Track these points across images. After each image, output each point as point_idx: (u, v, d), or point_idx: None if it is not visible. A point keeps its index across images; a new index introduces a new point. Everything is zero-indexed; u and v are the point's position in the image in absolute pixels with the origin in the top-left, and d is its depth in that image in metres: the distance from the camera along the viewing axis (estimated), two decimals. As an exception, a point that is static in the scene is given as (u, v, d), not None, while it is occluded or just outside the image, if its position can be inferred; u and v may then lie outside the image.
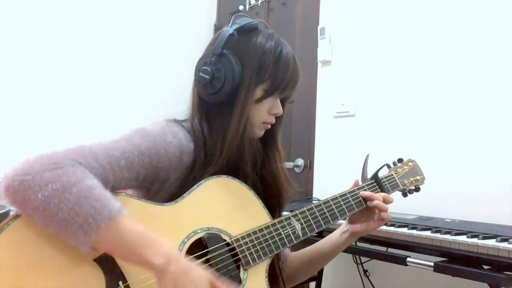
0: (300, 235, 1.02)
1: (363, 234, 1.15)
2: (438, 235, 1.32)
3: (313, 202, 1.96)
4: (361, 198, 1.13)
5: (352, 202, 1.12)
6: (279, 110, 1.05)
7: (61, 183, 0.76)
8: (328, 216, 1.08)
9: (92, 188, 0.78)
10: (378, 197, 1.11)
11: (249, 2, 2.90)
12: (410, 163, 1.29)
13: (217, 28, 3.17)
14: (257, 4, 2.85)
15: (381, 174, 1.20)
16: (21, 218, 0.78)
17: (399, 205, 1.24)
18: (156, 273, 0.78)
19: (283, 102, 1.08)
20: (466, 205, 1.69)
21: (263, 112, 1.03)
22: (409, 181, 1.24)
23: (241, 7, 2.94)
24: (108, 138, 0.91)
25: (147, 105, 2.75)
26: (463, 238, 1.27)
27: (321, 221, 1.06)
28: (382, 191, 1.17)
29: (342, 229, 1.18)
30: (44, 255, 0.78)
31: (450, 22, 1.86)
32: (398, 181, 1.22)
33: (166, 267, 0.77)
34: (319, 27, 2.38)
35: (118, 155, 0.87)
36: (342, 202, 1.11)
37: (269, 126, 1.07)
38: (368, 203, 1.12)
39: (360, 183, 1.18)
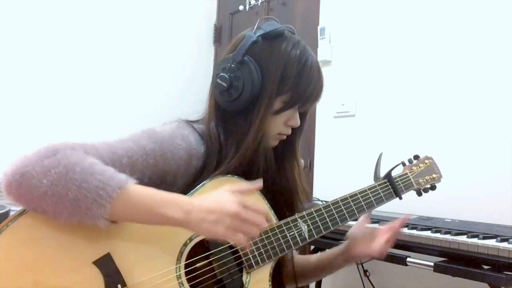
0: (307, 237, 0.99)
1: (358, 259, 1.11)
2: (438, 235, 1.31)
3: (314, 202, 1.96)
4: (372, 199, 1.09)
5: (363, 203, 1.08)
6: (296, 122, 1.02)
7: (63, 165, 0.76)
8: (337, 218, 1.04)
9: (95, 164, 0.79)
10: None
11: (249, 2, 2.90)
12: (426, 161, 1.23)
13: (217, 28, 3.17)
14: (257, 4, 2.85)
15: (395, 172, 1.16)
16: (22, 219, 0.78)
17: (399, 205, 1.24)
18: (182, 226, 0.80)
19: (303, 114, 1.05)
20: (466, 205, 1.69)
21: (280, 124, 1.00)
22: (425, 180, 1.20)
23: (241, 7, 2.94)
24: (109, 137, 0.90)
25: (147, 105, 2.75)
26: (463, 238, 1.27)
27: (329, 223, 1.02)
28: (395, 191, 1.13)
29: (341, 248, 1.13)
30: (43, 257, 0.77)
31: (450, 21, 1.86)
32: (412, 180, 1.18)
33: (188, 217, 0.79)
34: (319, 27, 2.38)
35: (121, 153, 0.86)
36: (352, 203, 1.07)
37: (284, 137, 1.03)
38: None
39: (373, 182, 1.14)
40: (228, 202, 0.80)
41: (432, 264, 1.29)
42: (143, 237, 0.85)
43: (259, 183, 0.88)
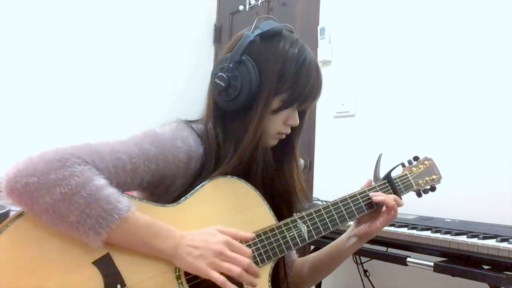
0: (306, 238, 0.99)
1: (368, 236, 1.10)
2: (438, 235, 1.31)
3: (313, 202, 1.96)
4: (372, 200, 1.09)
5: (362, 204, 1.08)
6: (295, 121, 1.01)
7: (70, 186, 0.76)
8: (336, 218, 1.03)
9: (101, 189, 0.79)
10: (390, 201, 1.06)
11: (249, 2, 2.90)
12: (426, 162, 1.23)
13: (217, 28, 3.17)
14: (257, 4, 2.85)
15: (394, 173, 1.16)
16: (21, 219, 0.78)
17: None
18: (169, 259, 0.83)
19: (302, 113, 1.05)
20: (466, 205, 1.69)
21: (279, 123, 1.00)
22: (424, 181, 1.20)
23: (241, 7, 2.94)
24: (109, 137, 0.90)
25: (147, 104, 2.75)
26: (463, 238, 1.26)
27: (329, 224, 1.02)
28: (395, 191, 1.13)
29: (348, 233, 1.13)
30: (43, 257, 0.78)
31: (450, 21, 1.86)
32: (412, 181, 1.18)
33: (175, 251, 0.82)
34: (319, 27, 2.38)
35: (125, 158, 0.86)
36: (351, 204, 1.07)
37: (284, 136, 1.03)
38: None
39: (373, 183, 1.14)
40: (214, 240, 0.83)
41: (432, 264, 1.29)
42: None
43: (250, 235, 0.91)
